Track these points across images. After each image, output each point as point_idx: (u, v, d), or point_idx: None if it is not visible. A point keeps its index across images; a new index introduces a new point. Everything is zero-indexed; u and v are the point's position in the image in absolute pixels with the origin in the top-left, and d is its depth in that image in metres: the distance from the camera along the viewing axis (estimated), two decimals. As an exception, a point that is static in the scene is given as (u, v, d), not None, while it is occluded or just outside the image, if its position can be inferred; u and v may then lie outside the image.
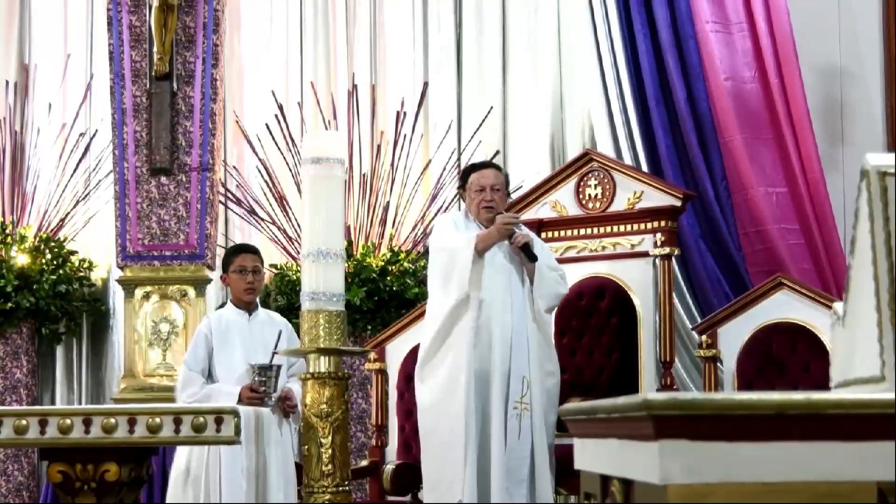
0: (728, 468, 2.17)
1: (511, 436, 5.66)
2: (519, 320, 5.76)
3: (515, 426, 5.67)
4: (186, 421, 3.69)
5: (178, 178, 8.34)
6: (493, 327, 5.72)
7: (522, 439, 5.67)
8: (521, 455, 5.66)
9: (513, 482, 5.62)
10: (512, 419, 5.68)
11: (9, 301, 8.27)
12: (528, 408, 5.70)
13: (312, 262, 5.22)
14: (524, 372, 5.72)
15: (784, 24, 8.14)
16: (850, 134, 8.45)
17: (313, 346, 5.11)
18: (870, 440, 2.19)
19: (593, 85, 8.57)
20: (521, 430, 5.68)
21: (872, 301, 2.42)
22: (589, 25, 8.58)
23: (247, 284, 6.12)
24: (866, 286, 2.45)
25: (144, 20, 8.36)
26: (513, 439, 5.66)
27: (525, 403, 5.70)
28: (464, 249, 5.69)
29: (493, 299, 5.76)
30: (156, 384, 8.13)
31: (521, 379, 5.72)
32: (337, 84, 8.91)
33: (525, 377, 5.72)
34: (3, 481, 8.24)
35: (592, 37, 8.56)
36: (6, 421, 3.68)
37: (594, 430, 2.74)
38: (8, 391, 8.32)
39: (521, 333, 5.75)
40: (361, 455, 7.43)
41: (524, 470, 5.65)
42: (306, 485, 5.19)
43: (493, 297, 5.76)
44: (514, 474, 5.63)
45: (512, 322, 5.73)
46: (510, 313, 5.74)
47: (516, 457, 5.65)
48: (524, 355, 5.73)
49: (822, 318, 6.13)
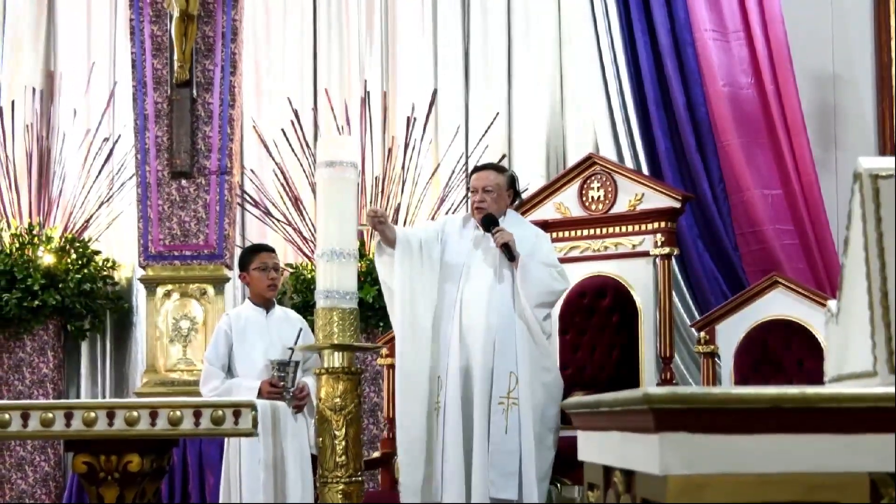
0: (726, 460, 2.16)
1: (498, 431, 5.63)
2: (502, 318, 5.69)
3: (502, 421, 5.63)
4: (206, 414, 3.69)
5: (198, 181, 8.34)
6: (477, 328, 5.68)
7: (510, 434, 5.62)
8: (508, 449, 5.59)
9: (500, 475, 5.57)
10: (497, 414, 5.62)
11: (36, 299, 8.29)
12: (516, 403, 5.65)
13: (327, 261, 5.23)
14: (511, 368, 5.67)
15: (779, 32, 8.12)
16: (843, 138, 8.44)
17: (328, 342, 5.11)
18: (863, 433, 2.18)
19: (595, 91, 8.56)
20: (507, 425, 5.63)
21: (865, 299, 2.41)
22: (591, 33, 8.57)
23: (269, 281, 6.13)
24: (859, 285, 2.45)
25: (165, 30, 8.37)
26: (500, 434, 5.62)
27: (514, 398, 5.65)
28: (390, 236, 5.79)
29: (474, 300, 5.73)
30: (177, 379, 8.14)
31: (508, 375, 5.67)
32: (350, 91, 8.91)
33: (513, 373, 5.67)
34: (30, 471, 8.25)
35: (594, 44, 8.54)
36: (33, 414, 3.68)
37: (597, 423, 2.74)
38: (35, 385, 8.34)
39: (508, 331, 5.68)
40: (373, 446, 7.43)
41: (513, 464, 5.59)
42: (321, 475, 5.19)
43: (475, 298, 5.73)
44: (502, 468, 5.58)
45: (497, 321, 5.67)
46: (494, 313, 5.68)
47: (503, 451, 5.58)
48: (511, 352, 5.67)
49: (817, 316, 6.12)
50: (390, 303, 5.80)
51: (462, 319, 5.71)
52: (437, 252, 5.88)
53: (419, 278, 5.80)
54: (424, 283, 5.81)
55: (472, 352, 5.67)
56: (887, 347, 2.37)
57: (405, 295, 5.73)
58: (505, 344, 5.67)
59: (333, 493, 5.04)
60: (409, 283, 5.76)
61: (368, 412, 7.85)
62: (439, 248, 5.89)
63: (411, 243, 5.82)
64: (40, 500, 8.24)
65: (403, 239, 5.81)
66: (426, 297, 5.81)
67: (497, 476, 5.56)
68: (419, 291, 5.79)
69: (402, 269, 5.76)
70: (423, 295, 5.80)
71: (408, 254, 5.78)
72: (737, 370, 6.43)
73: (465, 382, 5.66)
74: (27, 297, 8.28)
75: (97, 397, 8.71)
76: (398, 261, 5.74)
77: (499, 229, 5.74)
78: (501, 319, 5.69)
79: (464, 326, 5.70)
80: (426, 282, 5.82)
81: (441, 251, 5.88)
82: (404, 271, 5.76)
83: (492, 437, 5.59)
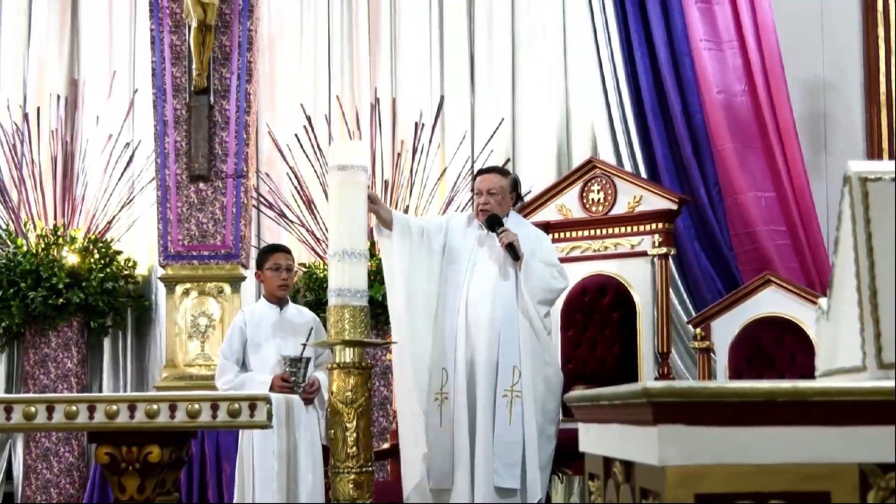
0: (721, 451, 2.16)
1: (502, 422, 5.62)
2: (506, 314, 5.69)
3: (505, 413, 5.63)
4: (223, 407, 3.68)
5: (215, 184, 8.34)
6: (482, 323, 5.69)
7: (514, 425, 5.62)
8: (512, 440, 5.59)
9: (503, 465, 5.57)
10: (501, 406, 5.62)
11: (60, 297, 8.30)
12: (519, 395, 5.65)
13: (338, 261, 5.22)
14: (514, 362, 5.67)
15: (771, 41, 8.12)
16: (833, 143, 8.43)
17: (339, 338, 5.10)
18: (852, 425, 2.18)
19: (596, 98, 8.57)
20: (511, 417, 5.63)
21: (854, 297, 2.41)
22: (591, 44, 8.58)
23: (281, 281, 6.12)
24: (849, 283, 2.44)
25: (184, 39, 8.38)
26: (504, 425, 5.61)
27: (517, 391, 5.65)
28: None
29: (479, 298, 5.73)
30: (195, 373, 8.14)
31: (511, 369, 5.67)
32: (361, 98, 8.91)
33: (516, 367, 5.66)
34: (55, 462, 8.26)
35: (595, 54, 8.56)
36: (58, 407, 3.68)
37: (598, 416, 2.74)
38: (60, 379, 8.34)
39: (512, 326, 5.68)
40: (383, 438, 7.43)
41: (515, 454, 5.59)
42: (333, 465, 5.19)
43: (479, 294, 5.73)
44: (506, 458, 5.57)
45: (501, 317, 5.68)
46: (499, 309, 5.69)
47: (507, 441, 5.58)
48: (514, 347, 5.67)
49: (808, 313, 6.11)
50: (390, 282, 5.79)
51: (468, 315, 5.72)
52: (439, 243, 5.88)
53: (417, 257, 5.79)
54: (423, 265, 5.81)
55: (478, 346, 5.67)
56: (876, 343, 2.36)
57: (404, 272, 5.72)
58: (509, 339, 5.67)
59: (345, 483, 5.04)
60: (407, 261, 5.76)
61: (378, 405, 7.85)
62: (441, 240, 5.88)
63: (410, 227, 5.83)
64: (65, 489, 8.25)
65: (402, 220, 5.84)
66: (425, 279, 5.80)
67: (501, 466, 5.56)
68: (417, 272, 5.78)
69: (401, 247, 5.76)
70: (420, 276, 5.79)
71: (406, 235, 5.79)
72: (731, 365, 6.42)
73: (471, 376, 5.66)
74: (52, 296, 8.29)
75: (119, 391, 8.72)
76: (397, 239, 5.76)
77: (504, 229, 5.74)
78: (505, 315, 5.69)
79: (469, 322, 5.71)
80: (424, 264, 5.81)
81: (443, 243, 5.88)
82: (404, 249, 5.77)
83: (496, 429, 5.59)
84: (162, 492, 4.01)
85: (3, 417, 3.68)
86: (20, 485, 8.45)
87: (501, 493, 5.57)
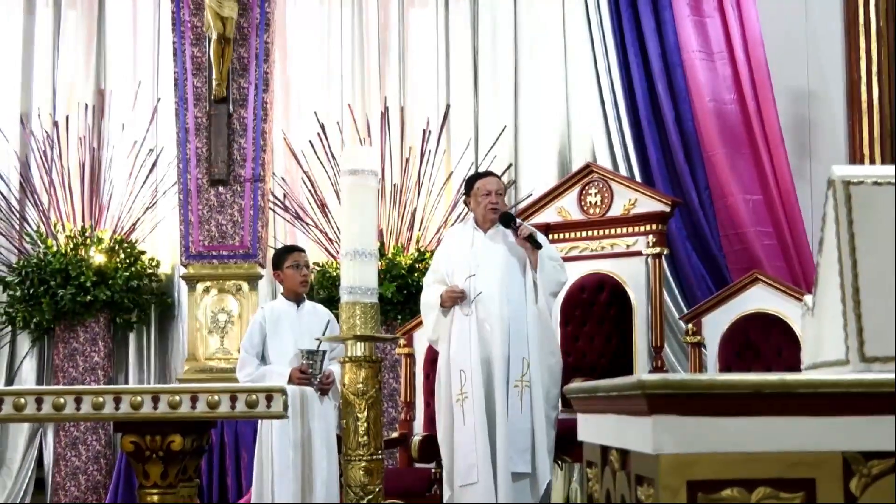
0: (712, 440, 2.16)
1: (514, 412, 5.64)
2: (516, 309, 5.71)
3: (517, 402, 5.65)
4: (241, 398, 3.68)
5: (234, 188, 8.35)
6: (493, 320, 5.69)
7: (524, 413, 5.64)
8: (523, 427, 5.62)
9: (516, 451, 5.59)
10: (514, 397, 5.64)
11: (88, 294, 8.31)
12: (528, 385, 5.67)
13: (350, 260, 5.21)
14: (524, 354, 5.68)
15: (759, 52, 8.12)
16: (817, 148, 8.42)
17: (351, 333, 5.09)
18: (836, 415, 2.18)
19: (594, 106, 8.57)
20: (522, 405, 5.65)
21: (838, 294, 2.41)
22: (589, 55, 8.58)
23: (302, 277, 6.14)
24: (832, 281, 2.44)
25: (204, 51, 8.39)
26: (515, 413, 5.63)
27: (526, 381, 5.67)
28: (433, 308, 5.83)
29: (487, 296, 5.74)
30: (215, 366, 8.15)
31: (521, 360, 5.69)
32: (371, 106, 8.91)
33: (525, 358, 5.68)
34: (83, 450, 8.27)
35: (592, 65, 8.56)
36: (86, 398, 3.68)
37: (595, 407, 2.73)
38: (87, 372, 8.35)
39: (520, 320, 5.70)
40: (392, 428, 7.43)
41: (527, 440, 5.61)
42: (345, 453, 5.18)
43: (488, 294, 5.74)
44: (517, 444, 5.60)
45: (510, 312, 5.69)
46: (507, 305, 5.70)
47: (518, 429, 5.61)
48: (523, 339, 5.68)
49: (794, 309, 6.09)
50: (433, 321, 5.88)
51: (478, 313, 5.72)
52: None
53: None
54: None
55: (491, 342, 5.67)
56: (858, 338, 2.36)
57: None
58: (518, 332, 5.69)
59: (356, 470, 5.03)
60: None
61: (388, 396, 7.85)
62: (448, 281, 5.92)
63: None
64: (92, 475, 8.26)
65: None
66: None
67: (514, 452, 5.59)
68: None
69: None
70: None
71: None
72: (721, 358, 6.41)
73: (487, 372, 5.67)
74: (80, 293, 8.30)
75: (143, 383, 8.73)
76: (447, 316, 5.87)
77: (521, 223, 5.78)
78: (513, 309, 5.70)
79: (480, 319, 5.71)
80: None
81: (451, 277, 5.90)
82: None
83: (510, 418, 5.61)
84: (184, 478, 4.02)
85: (34, 408, 3.67)
86: (51, 471, 8.46)
87: (515, 478, 5.60)
